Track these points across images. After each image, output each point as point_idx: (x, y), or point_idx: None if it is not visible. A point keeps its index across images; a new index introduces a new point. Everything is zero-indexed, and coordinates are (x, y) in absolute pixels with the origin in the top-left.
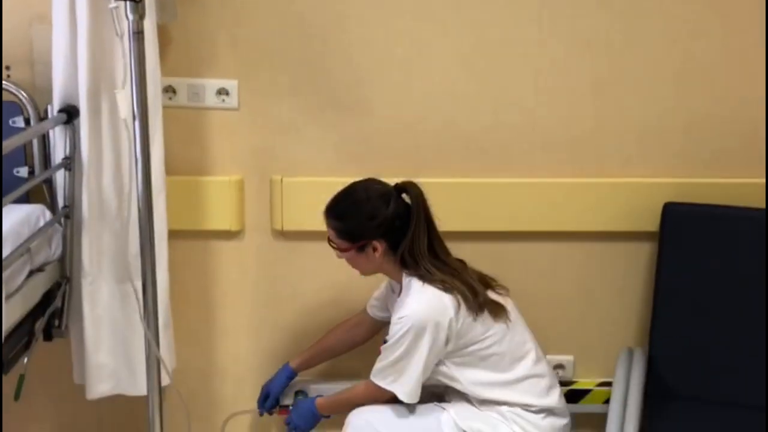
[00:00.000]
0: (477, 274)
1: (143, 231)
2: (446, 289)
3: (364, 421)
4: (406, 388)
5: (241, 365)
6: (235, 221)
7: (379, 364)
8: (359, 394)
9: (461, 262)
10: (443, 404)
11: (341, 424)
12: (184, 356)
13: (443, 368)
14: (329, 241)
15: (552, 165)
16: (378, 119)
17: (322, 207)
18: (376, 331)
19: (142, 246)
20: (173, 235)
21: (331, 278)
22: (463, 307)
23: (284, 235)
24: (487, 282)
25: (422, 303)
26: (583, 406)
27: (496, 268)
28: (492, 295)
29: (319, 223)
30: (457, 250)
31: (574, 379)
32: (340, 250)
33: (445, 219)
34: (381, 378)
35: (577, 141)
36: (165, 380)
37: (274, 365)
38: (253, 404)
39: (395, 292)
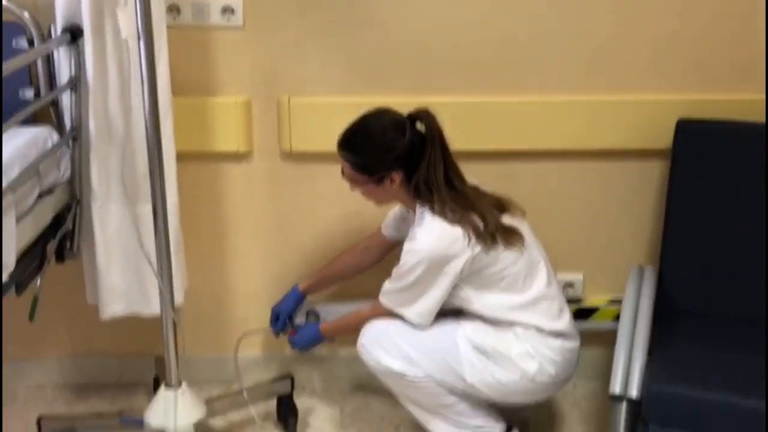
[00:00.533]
0: (492, 198)
1: (151, 153)
2: (457, 221)
3: (380, 330)
4: (416, 315)
5: (251, 287)
6: (243, 142)
7: (389, 285)
8: (366, 316)
9: (475, 189)
10: (459, 320)
11: (349, 342)
12: (195, 278)
13: (461, 292)
14: (343, 174)
15: (564, 82)
16: (387, 37)
17: (331, 127)
18: (389, 251)
19: (150, 168)
20: (182, 157)
21: (343, 201)
22: (473, 239)
23: (293, 156)
24: (503, 205)
25: (432, 236)
26: (592, 323)
27: (506, 188)
28: (507, 219)
29: (329, 144)
30: (468, 169)
31: (584, 297)
32: (356, 183)
33: (455, 138)
34: (389, 300)
35: (589, 57)
36: (178, 299)
37: (284, 287)
38: (265, 323)
39: (407, 218)
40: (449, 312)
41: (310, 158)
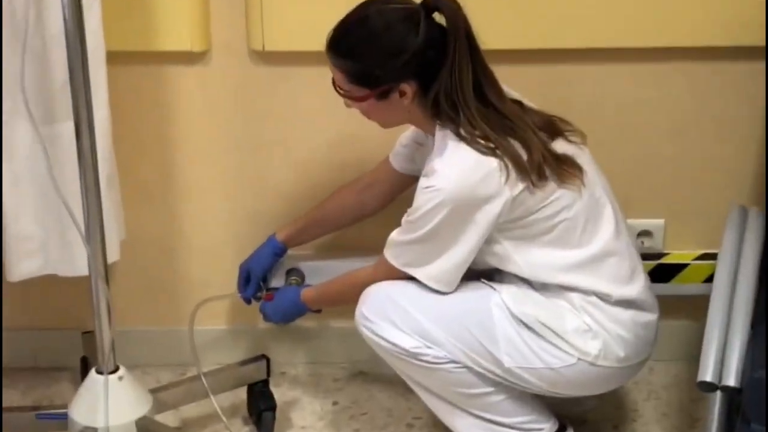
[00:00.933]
0: (541, 118)
1: (72, 52)
2: (492, 149)
3: (386, 296)
4: (434, 278)
5: (212, 237)
6: (199, 39)
7: (397, 237)
8: (367, 279)
9: (517, 104)
10: (493, 284)
11: (344, 312)
12: (135, 226)
13: (496, 247)
14: (336, 86)
15: None
16: None
17: (317, 19)
18: (400, 189)
19: (71, 73)
20: (115, 58)
21: (335, 119)
22: (513, 173)
23: (266, 57)
24: (557, 128)
25: (457, 170)
26: (676, 287)
27: (559, 103)
28: (561, 146)
29: (314, 42)
30: (506, 77)
31: (665, 251)
32: (353, 99)
33: (488, 34)
34: (398, 257)
35: None
36: (112, 256)
37: (256, 237)
38: (230, 287)
39: (424, 145)
40: (480, 274)
41: (290, 60)
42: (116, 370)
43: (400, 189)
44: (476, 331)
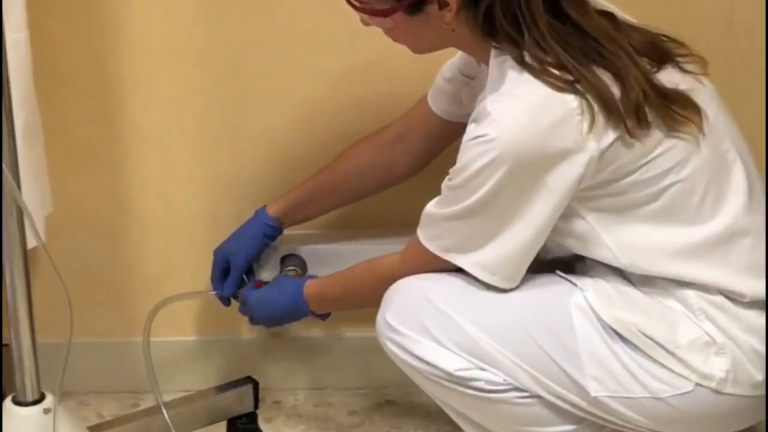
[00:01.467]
0: (643, 37)
1: None
2: (569, 85)
3: (418, 297)
4: (488, 267)
5: (174, 210)
6: None
7: (435, 210)
8: (390, 273)
9: (608, 17)
10: (573, 278)
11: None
12: (68, 196)
13: (577, 224)
14: None
15: None
16: None
17: None
18: (443, 143)
19: None
20: None
21: (348, 42)
22: (600, 118)
23: None
24: (665, 51)
25: (519, 113)
26: None
27: (666, 16)
28: (670, 76)
29: None
30: None
31: None
32: (371, 13)
33: None
34: (435, 238)
35: None
36: (34, 238)
37: (237, 211)
38: (200, 281)
39: (475, 78)
40: (553, 263)
41: None
42: (41, 399)
43: (442, 142)
44: (549, 346)
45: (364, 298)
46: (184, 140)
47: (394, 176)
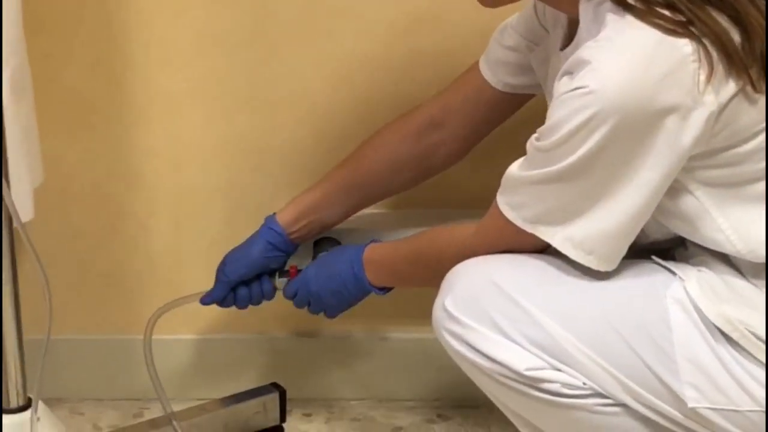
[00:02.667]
0: None
1: None
2: (681, 27)
3: (485, 281)
4: (582, 243)
5: (188, 181)
6: None
7: (519, 173)
8: (460, 246)
9: None
10: (672, 265)
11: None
12: (63, 166)
13: (685, 200)
14: None
15: None
16: None
17: None
18: (500, 119)
19: None
20: None
21: None
22: (720, 67)
23: None
24: None
25: (625, 61)
26: None
27: None
28: None
29: None
30: None
31: None
32: None
33: None
34: (518, 206)
35: None
36: (22, 213)
37: (260, 185)
38: (216, 265)
39: (540, 45)
40: (648, 248)
41: None
42: (28, 405)
43: (496, 118)
44: (639, 345)
45: (428, 273)
46: (200, 101)
47: (431, 168)
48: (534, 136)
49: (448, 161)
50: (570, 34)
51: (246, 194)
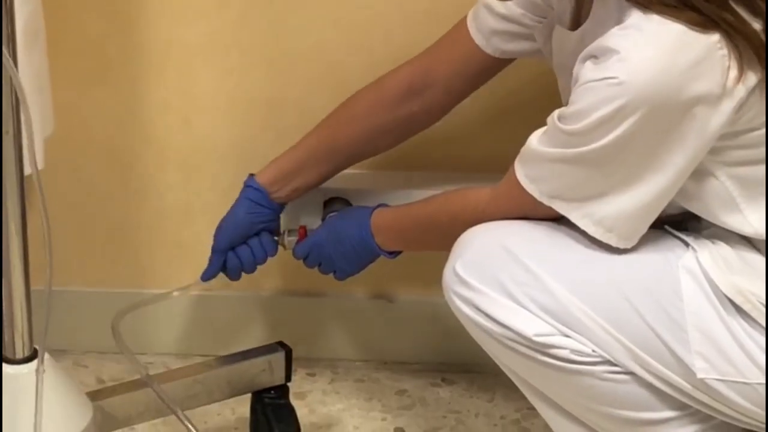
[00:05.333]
0: None
1: None
2: (707, 19)
3: (496, 247)
4: (603, 221)
5: (200, 136)
6: None
7: (541, 149)
8: (474, 210)
9: None
10: (685, 235)
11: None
12: (75, 116)
13: (708, 182)
14: None
15: None
16: None
17: None
18: (480, 84)
19: None
20: None
21: None
22: (745, 55)
23: None
24: None
25: (655, 51)
26: None
27: None
28: None
29: None
30: None
31: None
32: None
33: None
34: (538, 179)
35: None
36: (33, 162)
37: (272, 141)
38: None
39: (551, 4)
40: (663, 220)
41: None
42: (33, 356)
43: (483, 81)
44: (650, 314)
45: (439, 238)
46: (214, 54)
47: (409, 133)
48: (556, 114)
49: (428, 124)
50: (578, 10)
51: (258, 150)
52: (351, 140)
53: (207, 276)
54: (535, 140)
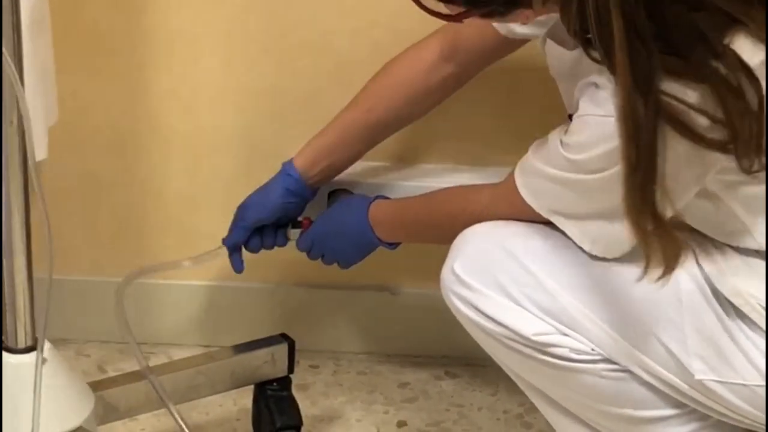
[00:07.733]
0: None
1: None
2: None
3: (494, 247)
4: (596, 238)
5: (205, 124)
6: None
7: (541, 167)
8: (474, 207)
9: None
10: (684, 235)
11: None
12: (79, 103)
13: (717, 204)
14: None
15: None
16: None
17: None
18: (495, 60)
19: None
20: None
21: None
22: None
23: None
24: None
25: None
26: None
27: None
28: None
29: None
30: None
31: None
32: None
33: None
34: (537, 194)
35: None
36: (36, 151)
37: (277, 131)
38: (230, 211)
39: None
40: None
41: None
42: (35, 346)
43: (496, 57)
44: (647, 315)
45: (438, 233)
46: (220, 42)
47: (440, 100)
48: (558, 135)
49: (454, 91)
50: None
51: (262, 140)
52: (390, 110)
53: (230, 243)
54: (534, 158)
